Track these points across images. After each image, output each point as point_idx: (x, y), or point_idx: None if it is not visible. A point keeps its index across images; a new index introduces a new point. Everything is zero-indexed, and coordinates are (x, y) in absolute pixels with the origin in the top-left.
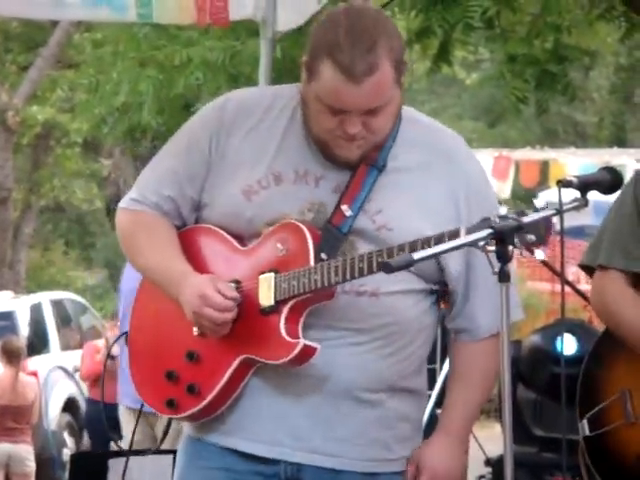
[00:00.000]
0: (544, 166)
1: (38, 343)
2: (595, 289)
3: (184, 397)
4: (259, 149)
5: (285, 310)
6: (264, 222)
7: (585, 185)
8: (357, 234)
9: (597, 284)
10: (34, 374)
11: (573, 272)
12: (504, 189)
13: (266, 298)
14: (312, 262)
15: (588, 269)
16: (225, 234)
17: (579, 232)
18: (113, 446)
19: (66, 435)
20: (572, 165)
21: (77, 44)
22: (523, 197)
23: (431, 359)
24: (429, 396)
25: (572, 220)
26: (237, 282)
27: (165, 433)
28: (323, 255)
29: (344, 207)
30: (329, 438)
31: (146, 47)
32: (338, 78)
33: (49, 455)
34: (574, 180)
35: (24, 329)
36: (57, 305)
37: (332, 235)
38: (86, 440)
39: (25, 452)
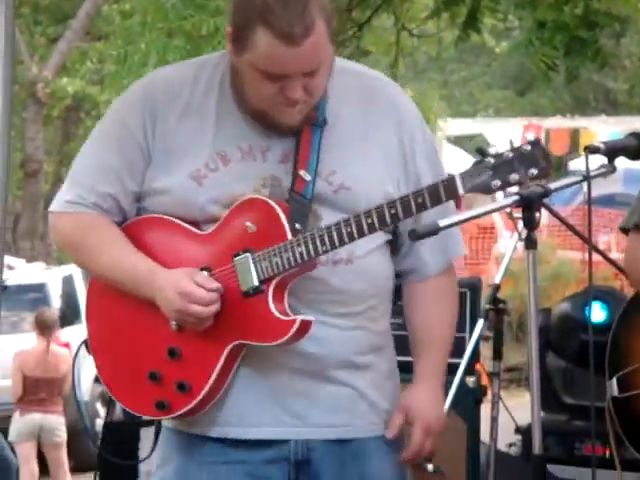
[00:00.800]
0: (574, 134)
1: (70, 314)
2: (628, 249)
3: (174, 396)
4: (197, 130)
5: (271, 289)
6: (220, 205)
7: (612, 151)
8: (317, 201)
9: (630, 245)
10: (66, 345)
11: (604, 241)
12: None
13: (247, 280)
14: (289, 235)
15: (626, 232)
16: (179, 221)
17: (609, 200)
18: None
19: (99, 405)
20: (603, 133)
21: (106, 15)
22: (553, 165)
23: (460, 327)
24: (458, 365)
25: (602, 188)
26: (208, 269)
27: (157, 435)
28: (297, 226)
29: (302, 172)
30: (331, 409)
31: (174, 17)
32: (276, 43)
33: (82, 426)
34: (601, 146)
35: (56, 301)
36: (88, 276)
37: (299, 203)
38: (118, 410)
39: (56, 422)
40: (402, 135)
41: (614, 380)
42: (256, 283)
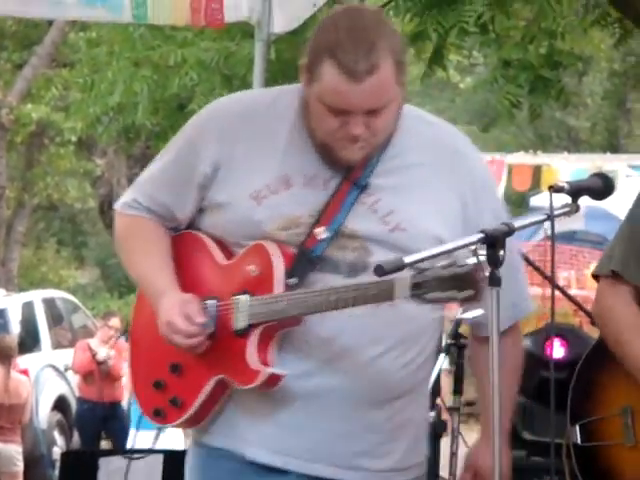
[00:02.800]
0: (536, 170)
1: (29, 341)
2: (597, 298)
3: (168, 408)
4: (265, 152)
5: (254, 335)
6: (275, 227)
7: (577, 191)
8: (370, 239)
9: (600, 293)
10: (25, 372)
11: (564, 277)
12: None
13: (238, 320)
14: (279, 289)
15: (597, 278)
16: (211, 245)
17: (571, 237)
18: (103, 445)
19: (56, 434)
20: (564, 170)
21: (72, 43)
22: (515, 201)
23: None
24: None
25: (564, 225)
26: (217, 299)
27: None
28: (292, 280)
29: (318, 230)
30: (346, 452)
31: (141, 47)
32: (340, 78)
33: (39, 453)
34: (566, 186)
35: (15, 327)
36: (49, 303)
37: (305, 258)
38: (76, 439)
39: (14, 452)
40: (466, 188)
41: (577, 427)
42: (242, 326)
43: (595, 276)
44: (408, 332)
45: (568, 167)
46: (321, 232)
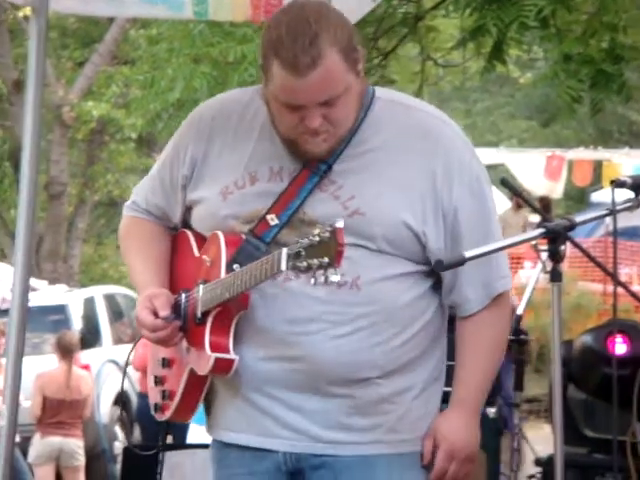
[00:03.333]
0: (597, 166)
1: (90, 337)
2: None
3: (162, 401)
4: (238, 151)
5: (209, 321)
6: (240, 220)
7: (639, 185)
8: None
9: None
10: (86, 367)
11: (626, 273)
12: (556, 189)
13: (197, 309)
14: (222, 274)
15: None
16: (192, 240)
17: (632, 233)
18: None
19: (117, 429)
20: (626, 165)
21: (132, 40)
22: (575, 197)
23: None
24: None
25: (625, 221)
26: (186, 291)
27: (165, 434)
28: (235, 266)
29: (270, 217)
30: (326, 426)
31: (201, 44)
32: (285, 74)
33: (101, 448)
34: (628, 180)
35: (77, 323)
36: (109, 299)
37: (252, 245)
38: (137, 434)
39: (75, 446)
40: (436, 167)
41: None
42: (199, 314)
43: None
44: (376, 313)
45: (629, 162)
46: (273, 218)
